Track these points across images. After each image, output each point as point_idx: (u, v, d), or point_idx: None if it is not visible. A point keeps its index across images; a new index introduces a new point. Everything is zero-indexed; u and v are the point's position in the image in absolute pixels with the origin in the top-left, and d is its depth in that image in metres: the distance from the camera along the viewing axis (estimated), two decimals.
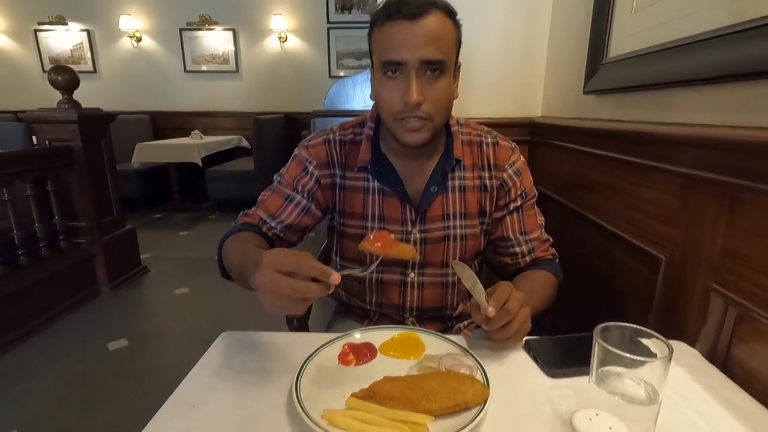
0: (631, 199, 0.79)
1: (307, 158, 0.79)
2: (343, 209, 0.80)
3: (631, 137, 0.77)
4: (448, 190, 0.77)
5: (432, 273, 0.80)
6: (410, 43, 0.62)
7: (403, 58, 0.63)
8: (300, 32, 4.55)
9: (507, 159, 0.79)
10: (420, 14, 0.62)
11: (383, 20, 0.64)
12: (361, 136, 0.79)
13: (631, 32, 0.82)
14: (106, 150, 2.38)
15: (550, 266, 0.80)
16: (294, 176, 0.79)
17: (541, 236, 0.82)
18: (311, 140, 0.80)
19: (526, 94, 1.36)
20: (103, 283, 2.37)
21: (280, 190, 0.80)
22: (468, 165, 0.78)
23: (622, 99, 0.87)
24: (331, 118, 2.15)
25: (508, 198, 0.79)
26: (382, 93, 0.67)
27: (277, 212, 0.79)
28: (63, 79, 2.17)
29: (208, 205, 4.32)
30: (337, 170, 0.79)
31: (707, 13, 0.62)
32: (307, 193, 0.79)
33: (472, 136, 0.80)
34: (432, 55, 0.62)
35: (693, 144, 0.61)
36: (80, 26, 4.60)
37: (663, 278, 0.68)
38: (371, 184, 0.78)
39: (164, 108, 4.74)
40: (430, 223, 0.78)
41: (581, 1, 1.06)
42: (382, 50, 0.65)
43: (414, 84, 0.63)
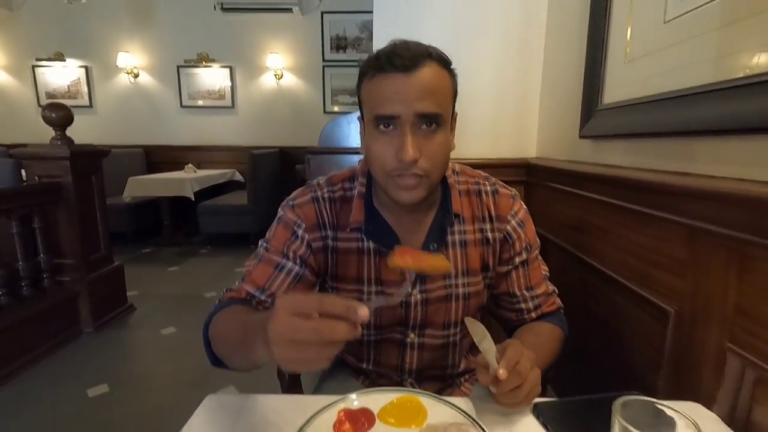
0: (632, 246, 0.78)
1: (295, 221, 0.72)
2: (337, 273, 0.73)
3: (630, 184, 0.76)
4: (449, 246, 0.72)
5: (433, 334, 0.75)
6: (404, 97, 0.58)
7: (396, 112, 0.59)
8: (296, 70, 4.65)
9: (509, 209, 0.75)
10: (414, 66, 0.58)
11: (374, 72, 0.61)
12: (351, 192, 0.74)
13: (624, 81, 0.83)
14: (97, 185, 2.35)
15: (556, 318, 0.77)
16: (283, 242, 0.71)
17: (547, 290, 0.78)
18: (297, 198, 0.73)
19: (520, 136, 1.37)
20: (86, 323, 2.28)
21: (267, 258, 0.71)
22: (468, 217, 0.74)
23: (619, 145, 0.87)
24: (326, 155, 2.16)
25: (512, 251, 0.75)
26: (373, 148, 0.63)
27: (267, 284, 0.70)
28: (57, 116, 2.16)
29: (199, 239, 4.26)
30: (329, 231, 0.72)
31: (702, 66, 0.63)
32: (299, 259, 0.71)
33: (469, 184, 0.76)
34: (427, 109, 0.59)
35: (696, 196, 0.60)
36: (78, 62, 4.67)
37: (673, 332, 0.65)
38: (366, 244, 0.72)
39: (159, 142, 4.76)
40: (430, 282, 0.72)
41: (573, 47, 1.09)
42: (373, 104, 0.61)
43: (409, 139, 0.59)
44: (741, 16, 0.56)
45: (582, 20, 1.02)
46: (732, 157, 0.59)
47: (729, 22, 0.58)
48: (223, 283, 3.08)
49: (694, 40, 0.64)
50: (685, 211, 0.62)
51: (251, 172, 3.83)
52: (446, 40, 0.68)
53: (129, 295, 2.65)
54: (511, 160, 1.36)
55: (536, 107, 1.35)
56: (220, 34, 4.55)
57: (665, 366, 0.67)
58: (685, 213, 0.62)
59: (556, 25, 1.23)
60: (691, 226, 0.61)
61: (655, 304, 0.69)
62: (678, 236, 0.65)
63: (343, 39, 4.56)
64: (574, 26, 1.08)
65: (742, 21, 0.56)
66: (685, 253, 0.63)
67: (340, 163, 2.14)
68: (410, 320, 0.73)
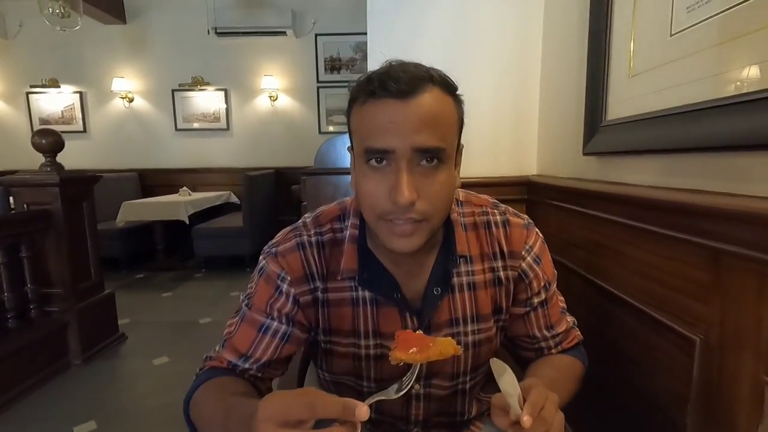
0: (647, 268, 0.73)
1: (278, 273, 0.62)
2: (329, 326, 0.65)
3: (643, 203, 0.72)
4: (455, 290, 0.64)
5: (441, 385, 0.68)
6: (400, 128, 0.50)
7: (390, 146, 0.50)
8: (290, 91, 4.68)
9: (522, 243, 0.66)
10: (412, 92, 0.50)
11: (365, 97, 0.52)
12: (342, 234, 0.65)
13: (629, 96, 0.80)
14: (87, 212, 2.29)
15: (576, 351, 0.72)
16: (265, 300, 0.62)
17: (567, 326, 0.72)
18: (281, 245, 0.64)
19: (520, 153, 1.35)
20: (75, 354, 2.19)
21: (250, 318, 0.63)
22: (476, 255, 0.65)
23: (626, 162, 0.84)
24: (321, 176, 2.12)
25: (529, 292, 0.67)
26: (363, 187, 0.54)
27: (250, 350, 0.62)
28: (47, 142, 2.12)
29: (193, 263, 4.19)
30: (318, 283, 0.63)
31: (713, 80, 0.60)
32: (285, 318, 0.63)
33: (476, 216, 0.67)
34: (427, 143, 0.50)
35: (720, 215, 0.56)
36: (73, 88, 4.68)
37: (700, 363, 0.60)
38: (361, 293, 0.63)
39: (153, 166, 4.73)
40: (436, 330, 0.64)
41: (571, 63, 1.07)
42: (363, 135, 0.53)
43: (405, 178, 0.50)
44: (753, 28, 0.53)
45: (581, 36, 1.00)
46: (754, 174, 0.55)
47: (741, 34, 0.55)
48: (218, 308, 3.00)
49: (703, 53, 0.61)
50: (706, 231, 0.58)
51: (247, 193, 3.79)
52: (441, 60, 0.64)
53: (120, 324, 2.57)
54: (512, 178, 1.33)
55: (535, 124, 1.32)
56: (214, 57, 4.58)
57: (693, 400, 0.62)
58: (706, 234, 0.58)
59: (552, 41, 1.22)
60: (714, 248, 0.57)
61: (677, 331, 0.64)
62: (699, 258, 0.60)
63: (338, 60, 4.60)
64: (572, 42, 1.06)
65: (754, 33, 0.53)
66: (708, 277, 0.59)
67: (336, 183, 2.11)
68: (414, 371, 0.66)
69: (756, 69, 0.53)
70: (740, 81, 0.55)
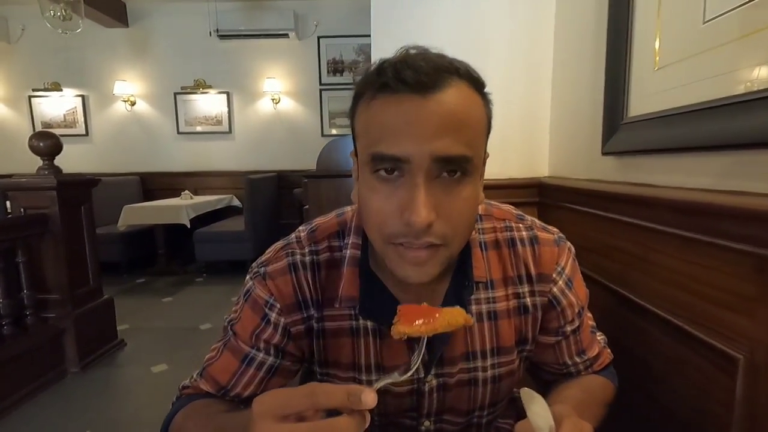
0: (678, 277, 0.67)
1: (266, 300, 0.54)
2: (326, 359, 0.57)
3: (673, 206, 0.66)
4: (473, 319, 0.55)
5: (453, 421, 0.61)
6: (418, 130, 0.41)
7: (405, 153, 0.41)
8: (293, 94, 4.64)
9: (553, 263, 0.58)
10: (434, 85, 0.41)
11: (374, 92, 0.43)
12: (340, 253, 0.56)
13: (655, 90, 0.74)
14: (86, 216, 2.25)
15: (606, 371, 0.66)
16: (251, 330, 0.54)
17: (599, 348, 0.66)
18: (270, 264, 0.55)
19: (531, 154, 1.29)
20: (72, 362, 2.14)
21: (233, 347, 0.56)
22: (498, 279, 0.57)
23: (651, 161, 0.78)
24: (324, 179, 2.07)
25: (562, 320, 0.59)
26: (370, 202, 0.45)
27: (231, 382, 0.55)
28: (45, 145, 2.09)
29: (195, 267, 4.14)
30: (312, 311, 0.55)
31: (750, 72, 0.54)
32: (273, 349, 0.55)
33: (498, 232, 0.58)
34: (451, 150, 0.41)
35: (763, 220, 0.50)
36: (75, 92, 4.67)
37: (744, 383, 0.54)
38: (362, 322, 0.55)
39: (155, 169, 4.70)
40: (449, 365, 0.56)
41: (586, 57, 1.01)
42: (371, 138, 0.44)
43: (422, 193, 0.41)
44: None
45: (597, 26, 0.94)
46: None
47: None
48: (219, 313, 2.95)
49: (744, 40, 0.55)
50: (749, 237, 0.52)
51: (249, 197, 3.75)
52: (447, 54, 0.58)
53: (119, 330, 2.52)
54: (522, 180, 1.27)
55: (547, 123, 1.27)
56: (216, 60, 4.56)
57: (736, 424, 0.55)
58: (750, 240, 0.52)
59: (565, 32, 1.16)
60: (760, 255, 0.51)
61: (715, 347, 0.58)
62: (742, 267, 0.54)
63: (340, 62, 4.56)
64: (588, 33, 1.01)
65: None
66: (753, 289, 0.53)
67: (339, 187, 2.06)
68: (424, 409, 0.59)
69: None
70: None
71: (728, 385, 0.56)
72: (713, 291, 0.60)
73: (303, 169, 3.99)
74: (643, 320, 0.76)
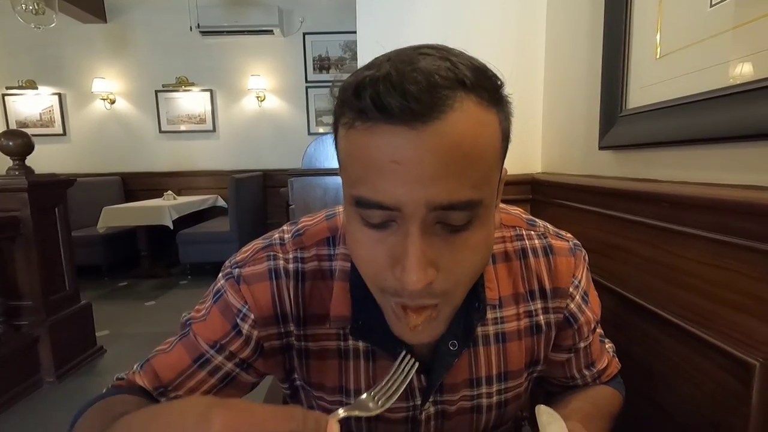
0: (686, 277, 0.63)
1: (239, 309, 0.47)
2: (309, 380, 0.51)
3: (679, 201, 0.62)
4: (478, 342, 0.50)
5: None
6: (409, 173, 0.32)
7: (394, 201, 0.33)
8: (278, 91, 4.55)
9: (570, 276, 0.52)
10: (429, 113, 0.31)
11: (354, 117, 0.34)
12: (329, 264, 0.48)
13: (655, 80, 0.71)
14: (60, 218, 2.15)
15: (614, 381, 0.62)
16: (215, 338, 0.47)
17: (607, 358, 0.62)
18: (246, 265, 0.48)
19: (522, 149, 1.25)
20: (48, 371, 2.05)
21: (189, 343, 0.48)
22: (507, 296, 0.50)
23: (652, 155, 0.74)
24: (309, 177, 2.01)
25: (577, 338, 0.55)
26: (358, 250, 0.38)
27: (175, 381, 0.47)
28: (15, 144, 1.99)
29: (179, 270, 4.04)
30: (291, 326, 0.48)
31: (760, 58, 0.50)
32: (237, 360, 0.48)
33: (507, 242, 0.52)
34: (454, 196, 0.33)
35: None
36: (51, 90, 4.51)
37: (761, 392, 0.51)
38: (352, 343, 0.49)
39: (137, 169, 4.57)
40: (450, 392, 0.50)
41: (580, 47, 0.97)
42: (353, 176, 0.35)
43: (417, 249, 0.33)
44: None
45: (593, 13, 0.90)
46: None
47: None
48: None
49: (756, 24, 0.52)
50: (765, 235, 0.49)
51: (234, 197, 3.66)
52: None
53: (99, 336, 2.43)
54: (515, 177, 1.23)
55: (539, 117, 1.23)
56: (199, 57, 4.45)
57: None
58: (765, 238, 0.49)
59: (558, 20, 1.12)
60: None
61: (728, 352, 0.55)
62: (757, 268, 0.51)
63: (326, 60, 4.49)
64: (582, 21, 0.97)
65: None
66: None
67: (325, 186, 2.00)
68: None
69: None
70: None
71: (743, 393, 0.52)
72: (724, 292, 0.56)
73: (290, 168, 3.90)
74: (647, 323, 0.72)
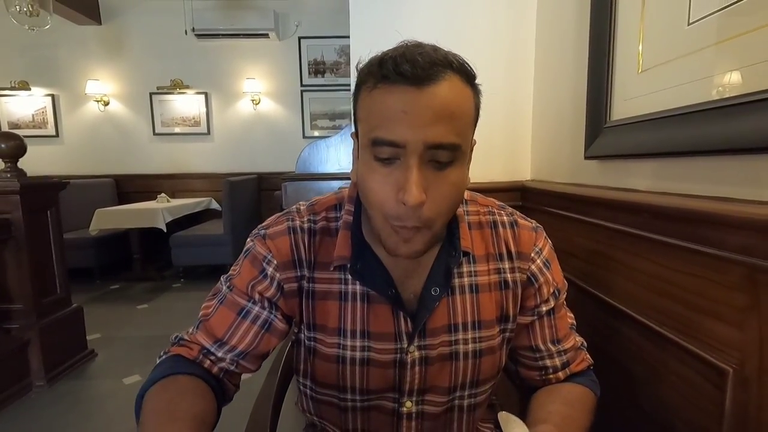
0: (664, 285, 0.65)
1: (264, 255, 0.59)
2: (314, 321, 0.60)
3: (657, 212, 0.65)
4: (455, 292, 0.59)
5: (435, 401, 0.61)
6: (413, 119, 0.45)
7: (401, 139, 0.46)
8: (273, 95, 4.56)
9: (531, 244, 0.62)
10: (429, 78, 0.45)
11: (375, 82, 0.48)
12: (336, 223, 0.61)
13: (638, 93, 0.73)
14: (52, 221, 2.15)
15: (587, 379, 0.64)
16: (248, 281, 0.59)
17: (576, 343, 0.66)
18: (270, 227, 0.61)
19: (513, 157, 1.27)
20: (38, 375, 2.03)
21: (230, 301, 0.59)
22: (480, 255, 0.61)
23: (635, 166, 0.76)
24: (303, 182, 2.02)
25: (538, 298, 0.63)
26: (369, 183, 0.50)
27: (227, 334, 0.58)
28: (7, 146, 1.98)
29: (172, 273, 4.02)
30: (305, 271, 0.59)
31: (744, 73, 0.52)
32: (267, 302, 0.59)
33: (482, 215, 0.64)
34: (443, 138, 0.46)
35: (754, 228, 0.48)
36: (45, 91, 4.49)
37: (734, 396, 0.52)
38: (351, 287, 0.59)
39: (130, 171, 4.56)
40: (431, 336, 0.59)
41: (567, 59, 1.00)
42: (372, 124, 0.48)
43: (414, 176, 0.46)
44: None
45: (579, 27, 0.93)
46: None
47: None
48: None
49: (730, 42, 0.54)
50: (738, 246, 0.51)
51: (228, 199, 3.66)
52: None
53: (90, 340, 2.41)
54: (505, 184, 1.25)
55: (529, 125, 1.25)
56: (194, 60, 4.45)
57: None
58: (738, 249, 0.51)
59: (547, 34, 1.15)
60: (749, 264, 0.49)
61: (703, 358, 0.57)
62: (731, 276, 0.53)
63: (321, 64, 4.51)
64: (570, 34, 0.99)
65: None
66: (743, 298, 0.51)
67: (319, 190, 2.01)
68: (406, 385, 0.59)
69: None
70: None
71: (718, 397, 0.54)
72: (701, 300, 0.58)
73: (284, 171, 3.91)
74: (629, 328, 0.74)
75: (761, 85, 0.49)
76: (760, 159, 0.51)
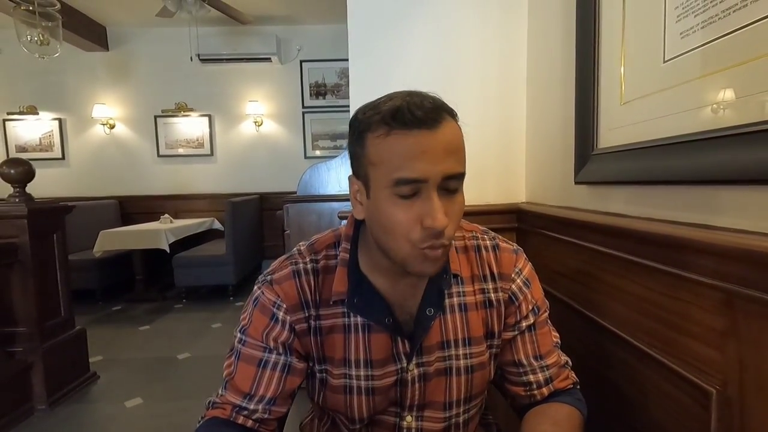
0: (650, 307, 0.68)
1: (274, 301, 0.63)
2: (323, 354, 0.65)
3: (640, 237, 0.67)
4: (446, 311, 0.65)
5: (433, 417, 0.66)
6: (432, 157, 0.52)
7: (424, 175, 0.52)
8: (275, 116, 4.66)
9: (512, 266, 0.69)
10: (437, 121, 0.52)
11: (390, 128, 0.53)
12: (335, 260, 0.65)
13: (621, 123, 0.77)
14: (58, 244, 2.18)
15: (572, 398, 0.67)
16: (261, 330, 0.62)
17: (559, 361, 0.69)
18: (276, 273, 0.65)
19: (508, 180, 1.31)
20: (40, 398, 2.03)
21: (247, 355, 0.63)
22: (467, 277, 0.67)
23: (620, 192, 0.79)
24: (304, 203, 2.06)
25: (518, 315, 0.68)
26: (394, 217, 0.54)
27: (253, 387, 0.61)
28: (16, 172, 2.03)
29: (174, 293, 4.03)
30: (311, 310, 0.64)
31: (709, 111, 0.56)
32: (282, 347, 0.62)
33: (467, 240, 0.70)
34: (454, 169, 0.53)
35: (729, 255, 0.51)
36: (52, 115, 4.59)
37: (719, 417, 0.54)
38: (353, 319, 0.64)
39: (134, 192, 4.62)
40: (427, 353, 0.64)
41: (556, 90, 1.04)
42: (393, 166, 0.53)
43: (437, 204, 0.53)
44: (750, 57, 0.50)
45: (566, 60, 0.97)
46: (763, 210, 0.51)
47: (739, 62, 0.52)
48: (198, 341, 2.86)
49: (699, 81, 0.58)
50: (715, 271, 0.53)
51: (230, 220, 3.70)
52: (423, 85, 0.62)
53: (92, 362, 2.42)
54: (501, 206, 1.28)
55: (523, 150, 1.29)
56: (198, 83, 4.56)
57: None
58: (716, 274, 0.53)
59: (538, 65, 1.20)
60: (727, 290, 0.52)
61: (689, 380, 0.59)
62: (710, 301, 0.55)
63: (323, 86, 4.61)
64: (558, 66, 1.04)
65: (752, 62, 0.50)
66: (722, 322, 0.54)
67: (320, 211, 2.05)
68: (406, 400, 0.65)
69: (754, 100, 0.49)
70: (738, 111, 0.52)
71: (703, 417, 0.56)
72: (686, 323, 0.60)
73: (286, 191, 3.97)
74: (619, 349, 0.76)
75: (724, 123, 0.53)
76: (722, 190, 0.55)
